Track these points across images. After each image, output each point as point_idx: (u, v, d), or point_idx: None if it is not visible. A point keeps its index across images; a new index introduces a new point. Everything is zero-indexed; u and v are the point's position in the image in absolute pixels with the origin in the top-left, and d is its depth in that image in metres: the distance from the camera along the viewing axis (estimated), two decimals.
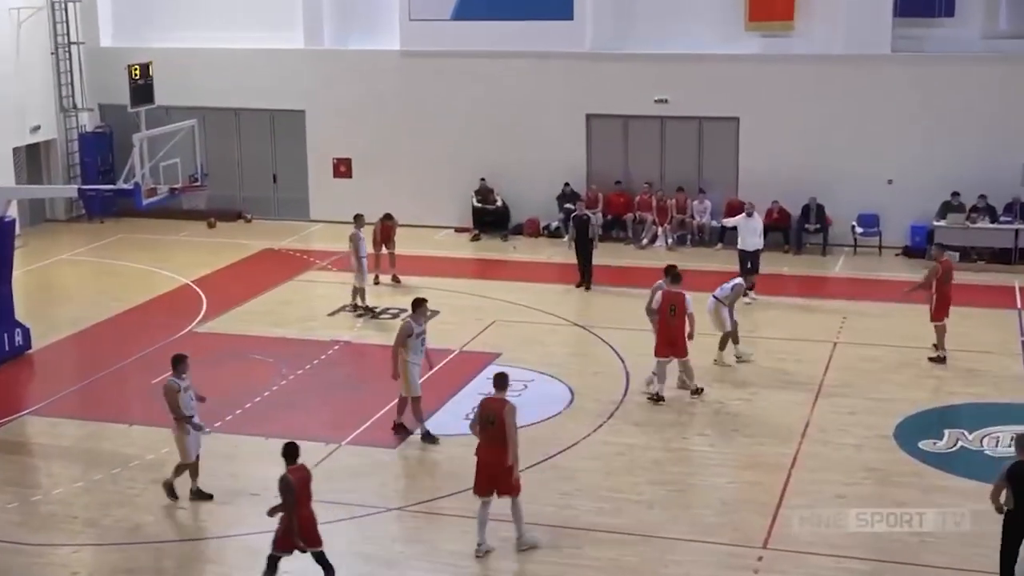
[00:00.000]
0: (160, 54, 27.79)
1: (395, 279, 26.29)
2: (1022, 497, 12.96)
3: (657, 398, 19.21)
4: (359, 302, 24.32)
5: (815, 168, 28.73)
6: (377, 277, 26.16)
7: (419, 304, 18.11)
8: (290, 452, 13.70)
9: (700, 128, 29.72)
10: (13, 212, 23.07)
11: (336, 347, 22.11)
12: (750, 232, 25.51)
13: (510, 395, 19.27)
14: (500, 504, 14.72)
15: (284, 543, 13.59)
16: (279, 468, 14.19)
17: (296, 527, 13.42)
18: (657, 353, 19.30)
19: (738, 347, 21.11)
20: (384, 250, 26.34)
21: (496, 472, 14.40)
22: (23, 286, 24.93)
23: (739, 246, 25.59)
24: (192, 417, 16.17)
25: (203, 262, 28.24)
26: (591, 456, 17.41)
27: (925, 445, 17.52)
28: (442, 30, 30.55)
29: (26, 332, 22.28)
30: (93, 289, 26.71)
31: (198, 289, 26.25)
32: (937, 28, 28.49)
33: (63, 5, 32.23)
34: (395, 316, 24.14)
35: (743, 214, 25.87)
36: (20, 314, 22.39)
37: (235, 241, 30.35)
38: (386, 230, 26.47)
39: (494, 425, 14.36)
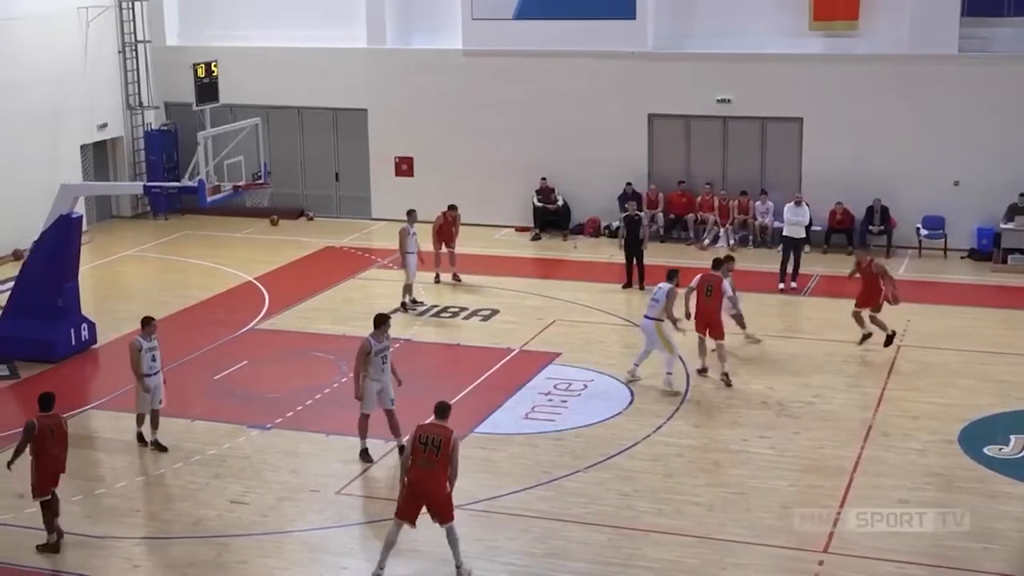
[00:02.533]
0: (225, 53, 28.03)
1: (455, 278, 26.28)
2: None
3: (701, 370, 20.26)
4: (406, 299, 24.27)
5: (879, 169, 28.43)
6: (438, 275, 26.17)
7: (381, 321, 17.47)
8: (44, 401, 15.30)
9: (763, 128, 29.50)
10: (80, 208, 23.35)
11: (396, 345, 22.12)
12: (793, 220, 25.77)
13: (570, 395, 19.42)
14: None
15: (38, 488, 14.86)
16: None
17: (36, 471, 14.79)
18: (696, 329, 20.29)
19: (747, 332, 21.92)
20: (444, 248, 26.29)
21: (435, 498, 13.75)
22: (89, 282, 25.26)
23: (784, 234, 25.92)
24: (148, 376, 17.69)
25: (265, 259, 28.44)
26: (651, 457, 17.32)
27: (990, 451, 17.26)
28: (504, 29, 30.55)
29: (92, 327, 22.55)
30: (157, 285, 26.97)
31: (260, 286, 26.43)
32: (1006, 27, 28.10)
33: (130, 4, 32.60)
34: (454, 315, 24.20)
35: (792, 202, 26.16)
36: (86, 309, 22.68)
37: (297, 239, 30.54)
38: (446, 223, 26.32)
39: (438, 451, 13.62)
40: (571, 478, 16.63)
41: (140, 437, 18.08)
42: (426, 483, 13.73)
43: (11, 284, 23.24)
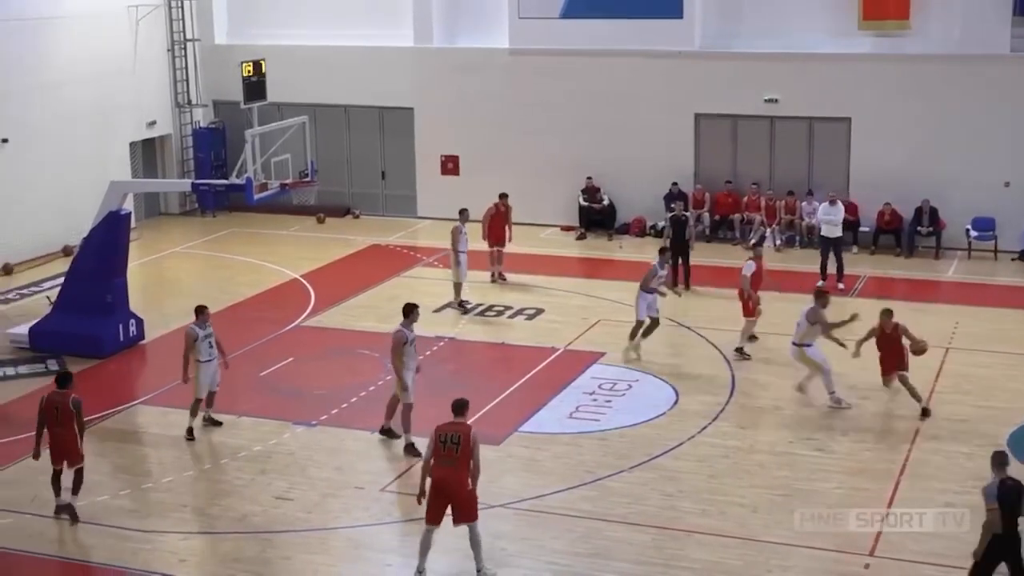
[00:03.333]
0: (272, 51, 28.23)
1: (501, 276, 26.27)
2: (1010, 518, 12.48)
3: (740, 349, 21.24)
4: (460, 298, 24.35)
5: (928, 170, 28.21)
6: (493, 275, 26.18)
7: (411, 310, 17.69)
8: (59, 378, 15.97)
9: (811, 128, 29.34)
10: (129, 205, 23.58)
11: (441, 343, 22.22)
12: (826, 219, 25.76)
13: (615, 395, 19.40)
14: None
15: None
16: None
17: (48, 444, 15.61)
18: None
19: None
20: (498, 245, 26.24)
21: (456, 495, 13.76)
22: (137, 278, 25.48)
23: (821, 233, 25.88)
24: (207, 362, 18.23)
25: (311, 257, 28.60)
26: (695, 458, 17.29)
27: None
28: (551, 28, 30.56)
29: (140, 323, 22.76)
30: (204, 282, 27.17)
31: (306, 283, 26.58)
32: None
33: (180, 3, 32.88)
34: (499, 314, 24.24)
35: (827, 202, 26.07)
36: (134, 305, 22.89)
37: (343, 237, 30.68)
38: (498, 214, 26.22)
39: (458, 447, 13.63)
40: (615, 478, 16.63)
41: (191, 432, 18.23)
42: (448, 481, 13.75)
43: (61, 280, 23.51)
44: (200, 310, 18.49)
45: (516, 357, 21.92)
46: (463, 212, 24.87)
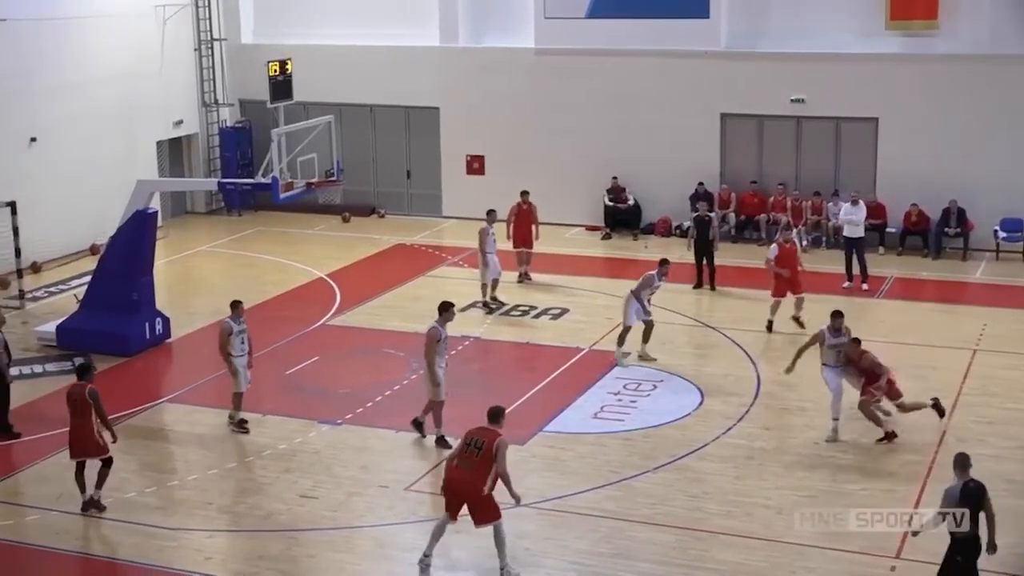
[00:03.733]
0: (299, 51, 28.31)
1: (526, 276, 26.23)
2: (972, 518, 12.51)
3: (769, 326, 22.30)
4: (487, 298, 24.39)
5: (956, 171, 28.06)
6: (521, 275, 26.16)
7: (446, 308, 17.90)
8: (79, 369, 16.22)
9: (837, 128, 29.23)
10: (156, 204, 23.69)
11: (466, 343, 22.22)
12: (848, 219, 25.70)
13: (640, 395, 19.36)
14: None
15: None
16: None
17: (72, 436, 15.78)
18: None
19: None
20: (524, 247, 26.19)
21: (470, 499, 13.83)
22: (164, 276, 25.59)
23: (844, 234, 25.78)
24: (237, 357, 18.25)
25: (337, 256, 28.66)
26: (720, 459, 17.24)
27: None
28: (577, 28, 30.54)
29: (166, 321, 22.85)
30: (230, 281, 27.25)
31: (332, 283, 26.63)
32: None
33: (206, 3, 33.02)
34: (524, 314, 24.24)
35: (849, 202, 26.01)
36: (160, 303, 22.98)
37: (368, 236, 30.73)
38: (521, 213, 26.16)
39: (480, 452, 13.75)
40: (640, 478, 16.61)
41: (242, 423, 18.44)
42: (461, 483, 13.85)
43: (88, 278, 23.63)
44: (235, 305, 18.54)
45: (541, 357, 21.91)
46: (491, 213, 24.84)
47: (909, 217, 28.21)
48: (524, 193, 26.43)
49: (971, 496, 12.59)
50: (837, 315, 17.98)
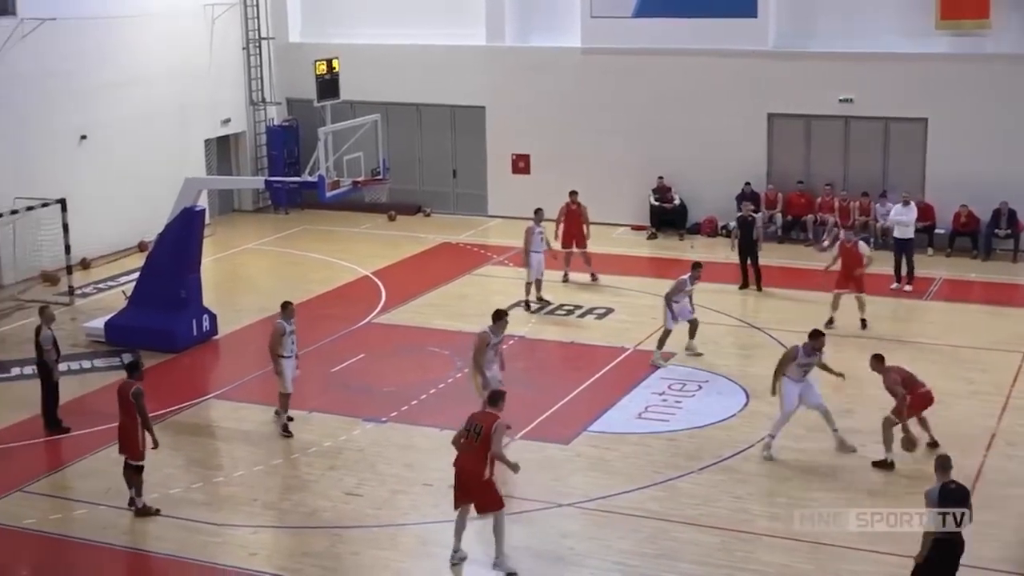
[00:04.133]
0: (346, 50, 28.38)
1: (592, 277, 26.10)
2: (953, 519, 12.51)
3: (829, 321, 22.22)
4: (530, 297, 24.31)
5: (1007, 172, 27.77)
6: (566, 275, 26.14)
7: (500, 316, 17.91)
8: (128, 366, 16.28)
9: (886, 129, 29.01)
10: (204, 202, 23.85)
11: (511, 341, 22.21)
12: (898, 220, 25.52)
13: (685, 395, 19.29)
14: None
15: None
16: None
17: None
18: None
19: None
20: (575, 248, 26.12)
21: (472, 484, 13.95)
22: (211, 274, 25.74)
23: (894, 235, 25.58)
24: (287, 358, 18.14)
25: (382, 254, 28.73)
26: (765, 460, 17.14)
27: None
28: (623, 27, 30.46)
29: (213, 318, 23.00)
30: (276, 278, 27.41)
31: (377, 281, 26.71)
32: None
33: (255, 2, 33.23)
34: (569, 313, 24.22)
35: (900, 203, 25.82)
36: (207, 300, 23.13)
37: (414, 234, 30.80)
38: (570, 213, 26.07)
39: (479, 437, 13.89)
40: (684, 479, 16.56)
41: (286, 428, 18.33)
42: (465, 468, 13.99)
43: (136, 275, 23.82)
44: (286, 306, 18.51)
45: (586, 356, 21.89)
46: (538, 211, 24.75)
47: (958, 218, 27.95)
48: (573, 193, 26.32)
49: (951, 497, 12.59)
50: (818, 335, 17.44)
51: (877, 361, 17.26)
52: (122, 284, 26.02)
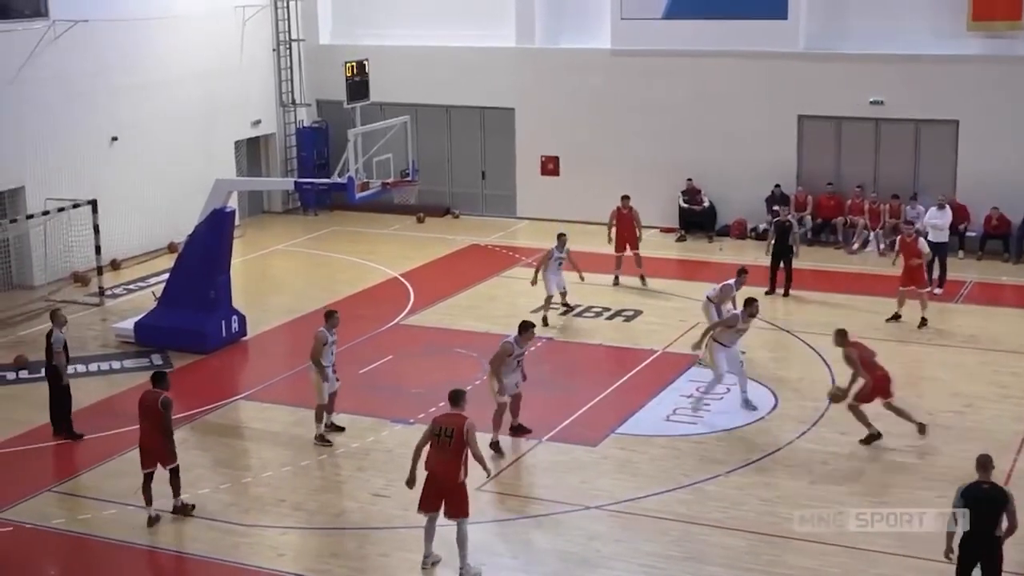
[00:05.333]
0: (375, 52, 28.41)
1: (642, 280, 26.01)
2: (980, 520, 12.50)
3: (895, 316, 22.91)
4: (547, 312, 23.77)
5: None
6: (617, 278, 26.04)
7: (526, 328, 17.75)
8: (153, 377, 16.01)
9: (917, 131, 28.85)
10: (233, 203, 23.94)
11: (539, 343, 22.19)
12: (932, 223, 25.40)
13: (713, 398, 19.23)
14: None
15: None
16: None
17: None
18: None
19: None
20: (627, 250, 26.00)
21: (447, 488, 13.96)
22: (240, 275, 25.86)
23: (928, 238, 25.14)
24: (327, 367, 17.94)
25: (411, 256, 28.78)
26: (794, 463, 17.09)
27: None
28: (653, 29, 30.41)
29: (242, 319, 23.08)
30: (305, 280, 27.49)
31: (406, 282, 26.76)
32: None
33: (286, 3, 33.32)
34: (597, 315, 24.18)
35: (934, 206, 25.74)
36: (237, 302, 23.21)
37: (442, 236, 30.83)
38: (621, 217, 25.97)
39: (451, 440, 13.85)
40: (712, 482, 16.51)
41: (322, 438, 18.13)
42: (440, 472, 13.96)
43: (166, 276, 23.94)
44: (330, 315, 18.40)
45: (613, 358, 21.86)
46: (561, 237, 23.87)
47: (989, 221, 27.77)
48: (625, 198, 26.12)
49: (977, 496, 12.57)
50: (752, 302, 18.96)
51: (841, 336, 17.64)
52: (152, 285, 26.14)
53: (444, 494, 14.02)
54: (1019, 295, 25.44)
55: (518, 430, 18.14)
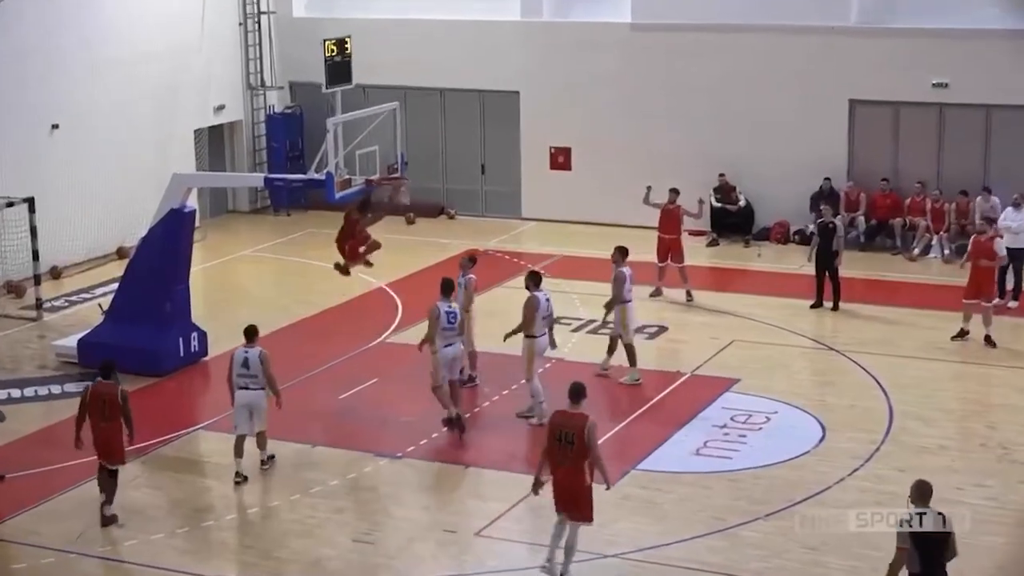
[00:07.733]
0: (359, 26, 28.48)
1: (687, 296, 26.01)
2: (928, 557, 12.85)
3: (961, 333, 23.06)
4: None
5: None
6: (658, 289, 26.10)
7: (446, 286, 19.42)
8: (103, 368, 16.89)
9: (987, 117, 28.90)
10: (193, 202, 23.94)
11: (548, 365, 22.16)
12: (1009, 225, 25.36)
13: (750, 429, 19.22)
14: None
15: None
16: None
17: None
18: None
19: None
20: (671, 261, 26.08)
21: (574, 494, 14.53)
22: (201, 285, 25.88)
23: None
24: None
25: (400, 263, 28.70)
26: (844, 505, 17.03)
27: None
28: (679, 0, 30.48)
29: (203, 336, 23.07)
30: (276, 290, 27.51)
31: (393, 293, 26.77)
32: None
33: None
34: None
35: (1011, 206, 25.81)
36: (197, 315, 23.21)
37: (436, 240, 30.86)
38: (664, 212, 26.18)
39: (572, 446, 14.36)
40: (749, 527, 16.49)
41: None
42: (566, 480, 14.50)
43: (115, 286, 23.94)
44: (252, 333, 18.85)
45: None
46: (623, 252, 22.66)
47: None
48: (673, 191, 26.41)
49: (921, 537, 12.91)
50: (536, 274, 20.64)
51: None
52: (98, 296, 26.17)
53: (571, 499, 14.55)
54: None
55: (453, 423, 19.11)
